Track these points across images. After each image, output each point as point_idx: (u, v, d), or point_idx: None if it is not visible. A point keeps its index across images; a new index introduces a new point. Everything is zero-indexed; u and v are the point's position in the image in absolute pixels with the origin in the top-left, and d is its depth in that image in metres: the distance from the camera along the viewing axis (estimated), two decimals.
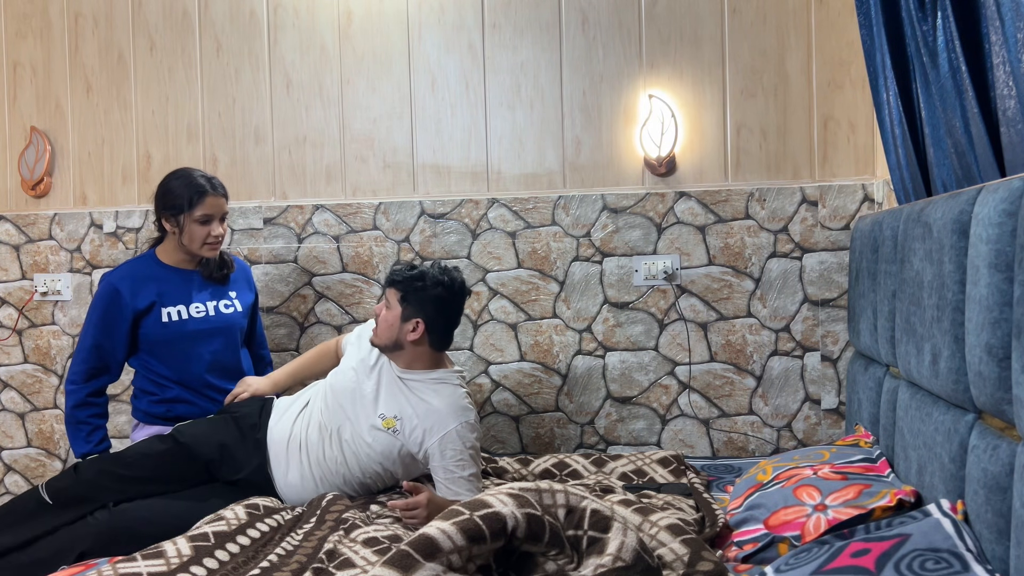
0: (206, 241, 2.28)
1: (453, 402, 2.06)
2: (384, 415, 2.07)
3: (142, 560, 1.60)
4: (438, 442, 2.01)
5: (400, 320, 2.06)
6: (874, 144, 2.58)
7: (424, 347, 2.10)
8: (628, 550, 1.44)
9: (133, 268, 2.33)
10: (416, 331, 2.06)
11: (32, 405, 2.93)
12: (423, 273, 2.08)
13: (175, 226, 2.28)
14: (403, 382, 2.10)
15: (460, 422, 2.03)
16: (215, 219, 2.29)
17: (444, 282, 2.07)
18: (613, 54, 2.71)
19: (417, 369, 2.11)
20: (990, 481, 1.30)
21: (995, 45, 1.48)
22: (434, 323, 2.08)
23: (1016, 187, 1.26)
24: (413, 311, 2.05)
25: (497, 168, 2.77)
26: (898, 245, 1.84)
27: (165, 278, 2.32)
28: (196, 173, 2.31)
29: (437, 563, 1.33)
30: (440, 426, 2.02)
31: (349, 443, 2.08)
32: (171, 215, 2.27)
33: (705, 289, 2.66)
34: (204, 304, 2.34)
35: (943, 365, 1.50)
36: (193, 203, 2.25)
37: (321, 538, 1.76)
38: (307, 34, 2.83)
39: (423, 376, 2.10)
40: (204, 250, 2.30)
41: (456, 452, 2.01)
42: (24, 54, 2.94)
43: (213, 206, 2.27)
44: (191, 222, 2.26)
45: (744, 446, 2.67)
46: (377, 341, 2.11)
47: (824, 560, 1.36)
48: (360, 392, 2.11)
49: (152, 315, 2.28)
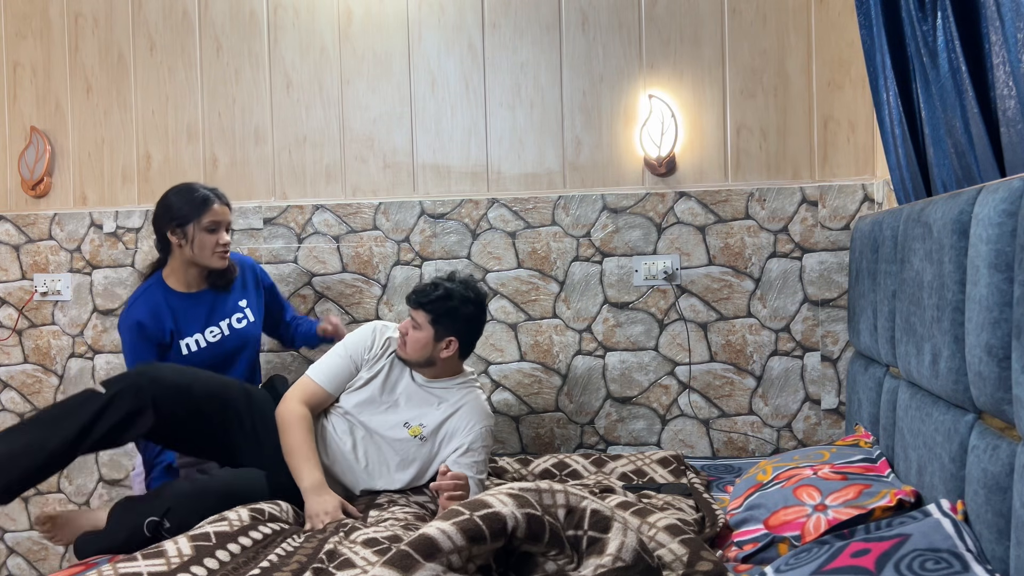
0: (215, 250, 2.29)
1: (478, 406, 2.17)
2: (409, 423, 2.12)
3: (142, 560, 1.60)
4: (460, 436, 2.10)
5: (433, 340, 2.11)
6: (874, 144, 2.58)
7: (454, 361, 2.19)
8: (628, 550, 1.44)
9: (147, 300, 2.31)
10: (450, 348, 2.13)
11: (32, 405, 2.93)
12: (450, 293, 2.11)
13: (183, 238, 2.28)
14: (425, 390, 2.17)
15: (484, 425, 2.14)
16: (222, 227, 2.30)
17: (471, 299, 2.14)
18: (613, 54, 2.71)
19: (443, 378, 2.20)
20: (990, 481, 1.30)
21: (995, 45, 1.48)
22: (466, 339, 2.18)
23: (1016, 187, 1.26)
24: (445, 331, 2.11)
25: (497, 168, 2.77)
26: (898, 245, 1.84)
27: (178, 307, 2.31)
28: (197, 185, 2.33)
29: (437, 563, 1.33)
30: (466, 425, 2.11)
31: (375, 445, 2.14)
32: (178, 227, 2.27)
33: (705, 289, 2.66)
34: (218, 326, 2.34)
35: (943, 365, 1.50)
36: (201, 212, 2.26)
37: (321, 539, 1.77)
38: (307, 34, 2.83)
39: (448, 383, 2.20)
40: (214, 260, 2.31)
41: (473, 448, 2.09)
42: (24, 54, 2.94)
43: (220, 213, 2.30)
44: (200, 231, 2.27)
45: (744, 446, 2.67)
46: (408, 358, 2.15)
47: (824, 560, 1.36)
48: (379, 409, 2.16)
49: (173, 348, 2.29)
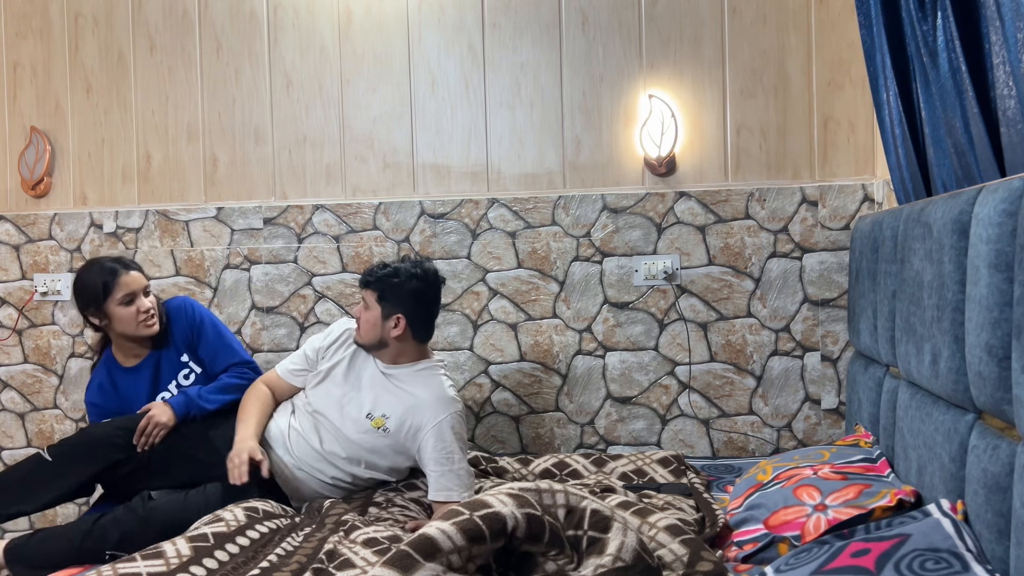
0: (138, 320, 2.21)
1: (440, 393, 2.10)
2: (372, 415, 2.10)
3: (141, 560, 1.60)
4: (430, 433, 2.04)
5: (381, 319, 2.10)
6: (874, 144, 2.58)
7: (408, 341, 2.14)
8: (628, 550, 1.44)
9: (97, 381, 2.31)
10: (399, 327, 2.10)
11: (32, 405, 2.93)
12: (396, 270, 2.11)
13: (104, 318, 2.21)
14: (388, 378, 2.14)
15: (449, 412, 2.07)
16: (138, 295, 2.21)
17: (418, 274, 2.11)
18: (613, 54, 2.71)
19: (402, 363, 2.16)
20: (990, 481, 1.30)
21: (995, 45, 1.48)
22: (415, 316, 2.12)
23: (1016, 187, 1.26)
24: (392, 308, 2.09)
25: (497, 168, 2.77)
26: (898, 245, 1.84)
27: (122, 384, 2.30)
28: (103, 259, 2.26)
29: (437, 563, 1.33)
30: (431, 417, 2.06)
31: (339, 443, 2.13)
32: (95, 309, 2.20)
33: (705, 289, 2.66)
34: (167, 390, 2.31)
35: (943, 365, 1.50)
36: (111, 289, 2.18)
37: (321, 539, 1.77)
38: (307, 34, 2.83)
39: (408, 369, 2.15)
40: (141, 329, 2.22)
41: (446, 444, 2.04)
42: (24, 54, 2.94)
43: (130, 283, 2.20)
44: (116, 307, 2.19)
45: (744, 446, 2.67)
46: (361, 341, 2.15)
47: (824, 560, 1.36)
48: (342, 402, 2.14)
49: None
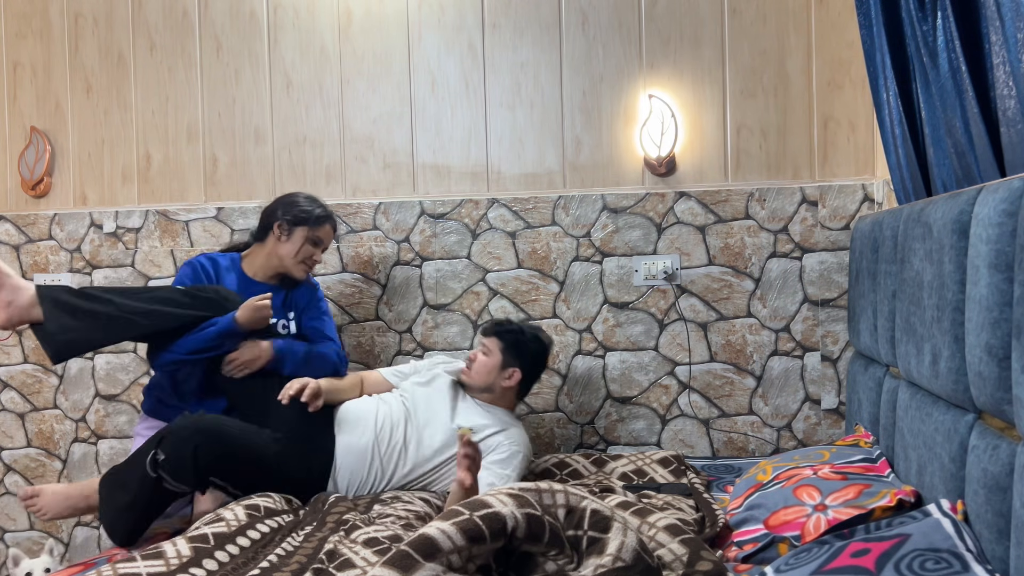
0: (305, 260, 2.35)
1: (523, 436, 2.22)
2: (460, 425, 2.17)
3: (142, 560, 1.60)
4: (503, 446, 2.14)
5: (499, 367, 2.24)
6: (874, 144, 2.58)
7: (512, 393, 2.30)
8: (628, 550, 1.44)
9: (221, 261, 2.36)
10: (511, 379, 2.25)
11: (32, 405, 2.93)
12: (522, 329, 2.31)
13: (286, 236, 2.33)
14: (482, 406, 2.26)
15: (523, 445, 2.18)
16: (321, 246, 2.39)
17: (539, 339, 2.32)
18: (613, 54, 2.71)
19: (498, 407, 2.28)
20: (990, 481, 1.30)
21: (995, 45, 1.48)
22: (528, 373, 2.29)
23: (1016, 187, 1.26)
24: (511, 360, 2.25)
25: (497, 168, 2.77)
26: (898, 245, 1.84)
27: (238, 286, 2.33)
28: (324, 202, 2.41)
29: (437, 563, 1.33)
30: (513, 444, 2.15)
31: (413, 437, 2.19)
32: (290, 224, 2.32)
33: (705, 289, 2.66)
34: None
35: (943, 365, 1.50)
36: (319, 223, 2.35)
37: (321, 539, 1.76)
38: (307, 34, 2.83)
39: (499, 411, 2.27)
40: (298, 268, 2.36)
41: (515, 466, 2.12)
42: (24, 54, 2.94)
43: (327, 235, 2.39)
44: (305, 237, 2.33)
45: (744, 446, 2.67)
46: (471, 382, 2.27)
47: (824, 560, 1.36)
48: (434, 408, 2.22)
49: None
